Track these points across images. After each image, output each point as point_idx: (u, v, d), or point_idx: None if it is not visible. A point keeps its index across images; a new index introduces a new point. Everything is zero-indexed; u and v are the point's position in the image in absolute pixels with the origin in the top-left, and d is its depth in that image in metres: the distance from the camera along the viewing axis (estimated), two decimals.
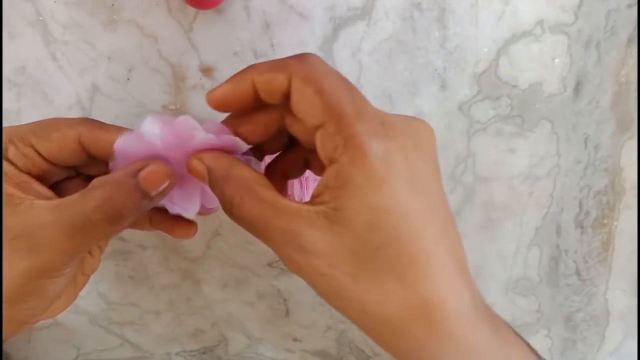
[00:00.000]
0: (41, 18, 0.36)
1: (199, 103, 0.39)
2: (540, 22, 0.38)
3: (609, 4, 0.38)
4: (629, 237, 0.46)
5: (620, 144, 0.42)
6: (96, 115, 0.39)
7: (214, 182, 0.24)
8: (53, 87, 0.38)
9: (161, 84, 0.38)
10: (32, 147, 0.26)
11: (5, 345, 0.48)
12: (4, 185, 0.24)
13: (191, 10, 0.36)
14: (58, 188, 0.29)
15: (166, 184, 0.25)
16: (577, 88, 0.40)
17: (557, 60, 0.39)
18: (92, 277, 0.45)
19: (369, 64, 0.38)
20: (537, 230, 0.45)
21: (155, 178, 0.25)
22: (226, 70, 0.38)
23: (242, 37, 0.37)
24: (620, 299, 0.48)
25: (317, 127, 0.22)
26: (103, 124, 0.27)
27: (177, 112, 0.39)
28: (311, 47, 0.38)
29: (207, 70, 0.38)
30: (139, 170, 0.25)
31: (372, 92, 0.39)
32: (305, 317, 0.48)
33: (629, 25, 0.39)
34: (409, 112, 0.40)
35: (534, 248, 0.46)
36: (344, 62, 0.38)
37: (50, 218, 0.23)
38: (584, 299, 0.48)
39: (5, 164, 0.25)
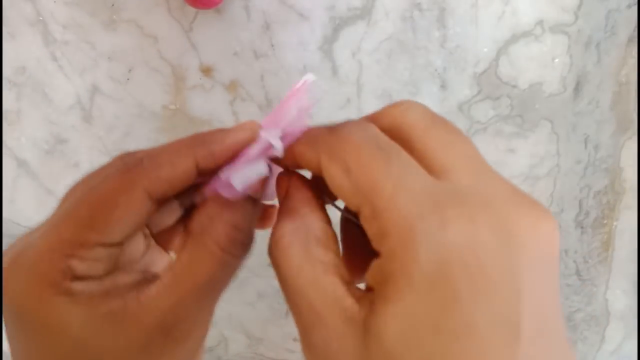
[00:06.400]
0: (41, 18, 0.36)
1: (198, 103, 0.39)
2: (540, 22, 0.38)
3: (609, 4, 0.38)
4: (629, 237, 0.46)
5: (620, 144, 0.42)
6: (96, 116, 0.39)
7: (281, 204, 0.20)
8: (53, 87, 0.38)
9: (161, 84, 0.38)
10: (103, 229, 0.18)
11: (5, 346, 0.48)
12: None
13: (191, 10, 0.36)
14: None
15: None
16: (577, 88, 0.40)
17: (557, 60, 0.39)
18: None
19: (369, 64, 0.38)
20: None
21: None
22: (226, 70, 0.38)
23: (242, 37, 0.37)
24: (620, 299, 0.48)
25: (356, 211, 0.17)
26: (211, 134, 0.20)
27: (177, 111, 0.39)
28: (311, 47, 0.38)
29: (207, 70, 0.38)
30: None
31: (372, 92, 0.39)
32: None
33: (629, 25, 0.39)
34: None
35: None
36: (344, 62, 0.38)
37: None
38: (584, 299, 0.48)
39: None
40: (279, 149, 0.19)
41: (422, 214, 0.15)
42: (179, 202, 0.22)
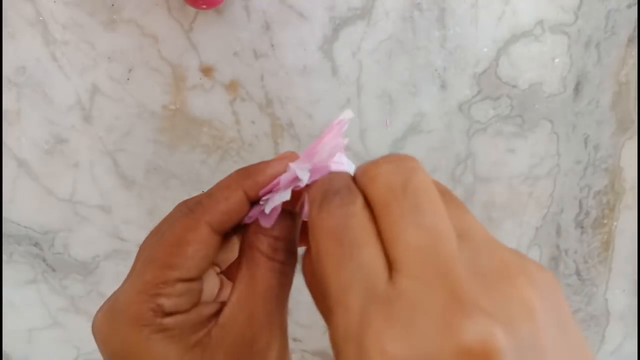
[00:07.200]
0: (41, 18, 0.36)
1: (198, 103, 0.39)
2: (540, 22, 0.38)
3: (609, 4, 0.38)
4: (629, 237, 0.46)
5: (620, 144, 0.42)
6: (96, 116, 0.39)
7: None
8: (53, 87, 0.38)
9: (161, 84, 0.38)
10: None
11: (5, 346, 0.48)
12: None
13: (191, 10, 0.36)
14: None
15: None
16: (577, 88, 0.40)
17: (557, 60, 0.39)
18: (92, 277, 0.45)
19: (369, 64, 0.38)
20: (537, 230, 0.45)
21: None
22: (226, 70, 0.38)
23: (242, 37, 0.37)
24: (620, 299, 0.48)
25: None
26: (254, 167, 0.22)
27: (177, 111, 0.39)
28: (311, 47, 0.38)
29: (207, 70, 0.38)
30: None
31: (372, 92, 0.39)
32: (305, 317, 0.48)
33: (629, 25, 0.39)
34: (409, 112, 0.40)
35: (534, 248, 0.46)
36: (344, 62, 0.38)
37: None
38: (584, 299, 0.48)
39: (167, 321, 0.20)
40: (304, 181, 0.21)
41: (347, 337, 0.15)
42: (237, 236, 0.25)
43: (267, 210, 0.22)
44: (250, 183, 0.22)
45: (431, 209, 0.16)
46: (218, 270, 0.25)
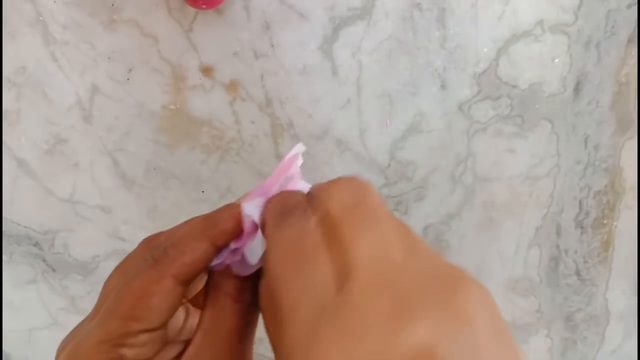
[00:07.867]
0: (41, 18, 0.36)
1: (198, 103, 0.39)
2: (540, 22, 0.38)
3: (609, 4, 0.38)
4: (629, 237, 0.46)
5: (620, 144, 0.42)
6: (96, 116, 0.39)
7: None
8: (53, 87, 0.38)
9: (161, 84, 0.38)
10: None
11: (5, 346, 0.48)
12: None
13: (191, 10, 0.36)
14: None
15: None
16: (577, 88, 0.40)
17: (557, 60, 0.39)
18: (92, 277, 0.45)
19: (369, 64, 0.38)
20: (537, 230, 0.45)
21: None
22: (226, 70, 0.38)
23: (242, 37, 0.37)
24: (620, 299, 0.48)
25: (261, 308, 0.19)
26: (220, 213, 0.22)
27: (177, 111, 0.39)
28: (311, 47, 0.38)
29: (207, 70, 0.38)
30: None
31: (372, 92, 0.39)
32: None
33: (629, 25, 0.39)
34: (409, 112, 0.40)
35: (534, 248, 0.46)
36: (344, 62, 0.38)
37: None
38: (584, 299, 0.48)
39: None
40: (256, 218, 0.21)
41: (294, 348, 0.15)
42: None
43: (254, 262, 0.21)
44: (218, 232, 0.21)
45: (382, 224, 0.17)
46: (184, 300, 0.25)
